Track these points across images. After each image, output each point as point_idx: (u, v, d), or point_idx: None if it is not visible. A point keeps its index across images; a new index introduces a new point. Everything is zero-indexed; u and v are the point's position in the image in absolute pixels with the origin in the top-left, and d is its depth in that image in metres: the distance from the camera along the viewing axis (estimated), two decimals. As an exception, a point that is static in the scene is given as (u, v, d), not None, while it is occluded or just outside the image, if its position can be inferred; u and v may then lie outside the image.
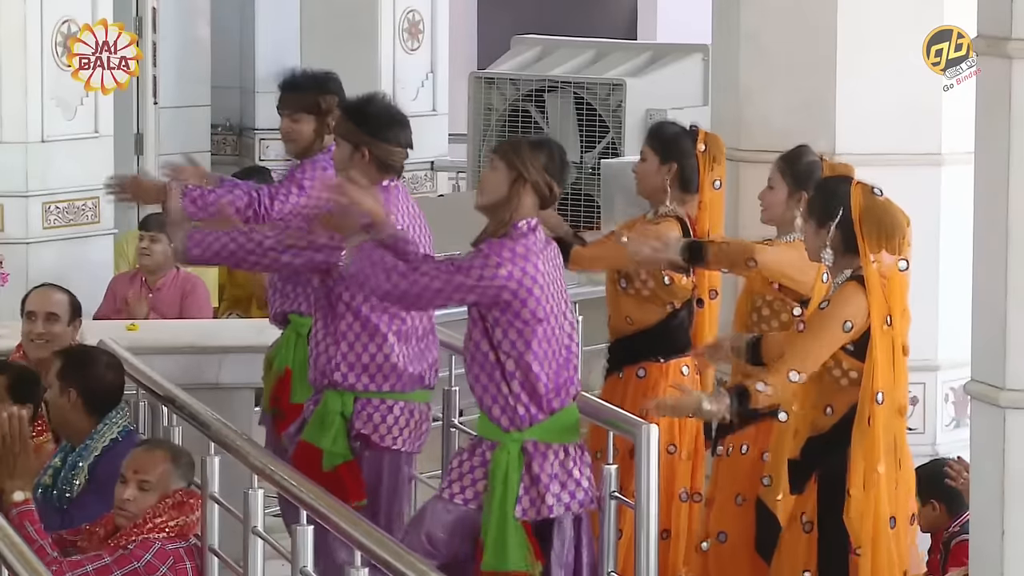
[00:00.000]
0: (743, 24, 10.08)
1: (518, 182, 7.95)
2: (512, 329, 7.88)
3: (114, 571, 7.75)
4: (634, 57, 16.08)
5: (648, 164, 9.55)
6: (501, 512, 7.88)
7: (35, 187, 12.74)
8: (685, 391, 8.23)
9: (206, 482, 8.16)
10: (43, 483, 8.39)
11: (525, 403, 7.90)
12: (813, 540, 7.96)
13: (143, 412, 9.15)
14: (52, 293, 9.84)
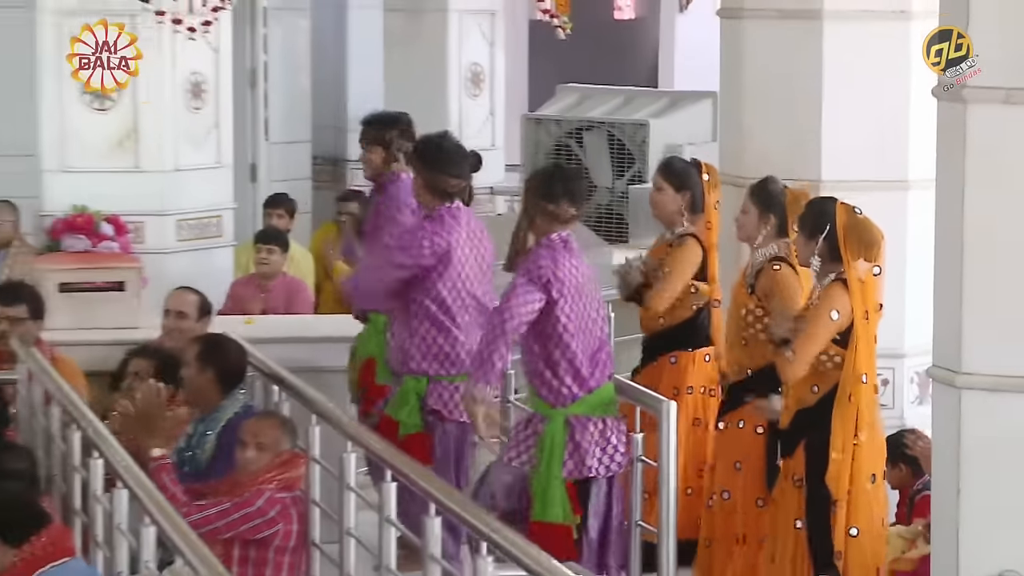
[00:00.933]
0: (745, 75, 10.06)
1: (525, 215, 8.16)
2: (550, 323, 7.94)
3: (232, 514, 7.76)
4: (656, 102, 16.07)
5: (665, 194, 9.55)
6: (548, 473, 7.95)
7: (170, 207, 12.75)
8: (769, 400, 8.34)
9: (309, 447, 8.17)
10: (179, 448, 8.41)
11: (568, 384, 7.96)
12: (802, 495, 8.01)
13: (258, 390, 9.14)
14: (184, 295, 9.84)
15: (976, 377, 7.20)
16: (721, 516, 8.73)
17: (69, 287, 10.37)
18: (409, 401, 8.83)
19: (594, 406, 8.04)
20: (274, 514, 7.85)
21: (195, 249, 12.86)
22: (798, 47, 9.87)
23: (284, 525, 7.89)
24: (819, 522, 7.99)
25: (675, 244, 9.52)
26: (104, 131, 12.73)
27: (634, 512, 8.26)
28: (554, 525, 7.92)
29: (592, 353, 8.05)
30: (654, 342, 9.65)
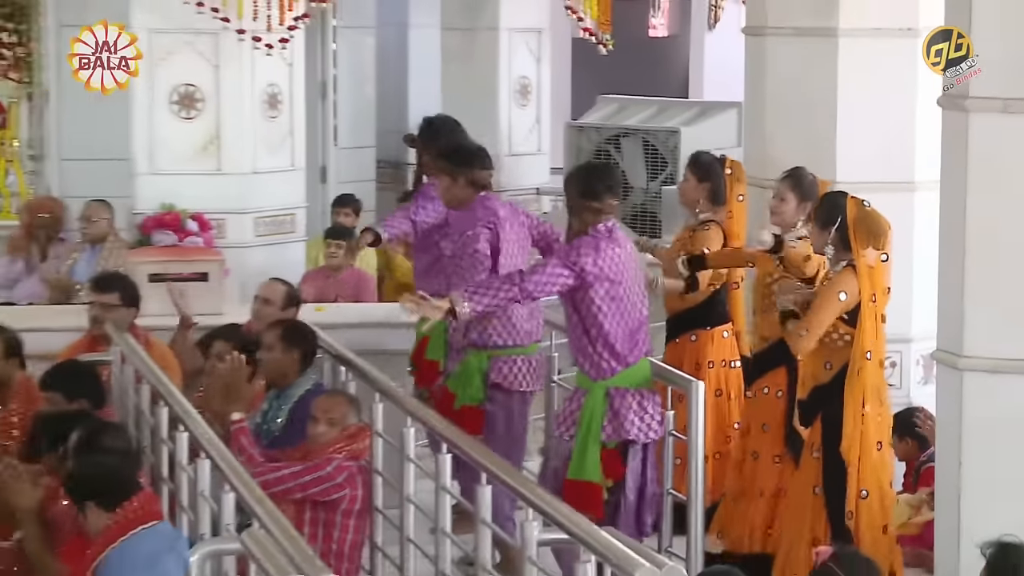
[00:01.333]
0: (767, 87, 10.06)
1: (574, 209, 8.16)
2: (592, 305, 7.95)
3: (304, 476, 7.81)
4: (686, 111, 16.05)
5: (689, 183, 9.68)
6: (587, 435, 8.00)
7: (248, 206, 12.77)
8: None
9: (372, 421, 8.19)
10: (255, 420, 8.44)
11: (607, 359, 8.00)
12: (820, 463, 8.05)
13: (327, 370, 9.16)
14: (274, 285, 9.83)
15: (977, 360, 7.29)
16: (750, 475, 8.80)
17: (158, 277, 10.41)
18: (472, 376, 8.87)
19: (631, 379, 8.07)
20: (342, 480, 7.88)
21: (271, 244, 12.89)
22: (815, 62, 9.86)
23: (351, 491, 7.91)
24: (834, 487, 8.02)
25: (697, 229, 9.61)
26: (189, 137, 12.77)
27: (666, 481, 8.27)
28: (587, 484, 7.95)
29: (631, 332, 8.07)
30: (676, 322, 9.71)
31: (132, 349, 8.86)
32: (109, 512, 6.89)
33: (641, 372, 8.13)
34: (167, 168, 12.74)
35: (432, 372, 9.39)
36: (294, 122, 13.30)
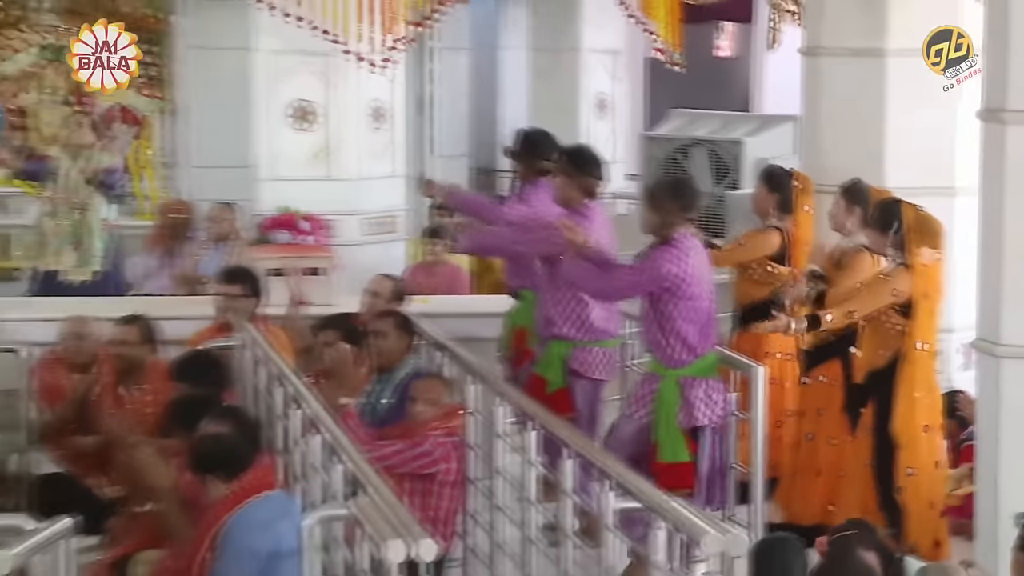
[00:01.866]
0: (822, 102, 10.01)
1: (665, 219, 8.05)
2: (670, 304, 7.94)
3: (405, 453, 7.82)
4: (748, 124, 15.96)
5: (760, 193, 9.63)
6: (667, 423, 8.00)
7: (356, 209, 12.85)
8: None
9: (467, 401, 8.18)
10: (362, 401, 8.45)
11: (679, 351, 8.00)
12: (872, 442, 8.09)
13: (426, 355, 9.15)
14: (382, 279, 9.81)
15: (1013, 348, 7.33)
16: (805, 455, 8.77)
17: (277, 272, 10.44)
18: (554, 363, 8.85)
19: (700, 369, 8.06)
20: (439, 455, 7.88)
21: (375, 242, 12.95)
22: (866, 79, 9.82)
23: (447, 464, 7.91)
24: (884, 464, 8.07)
25: (761, 232, 9.62)
26: (304, 147, 12.83)
27: (729, 456, 8.24)
28: (679, 464, 7.98)
29: (702, 327, 8.06)
30: (743, 315, 9.68)
31: (254, 336, 8.89)
32: (227, 482, 6.92)
33: (709, 363, 8.12)
34: (284, 174, 12.81)
35: (524, 356, 9.37)
36: (396, 133, 13.34)
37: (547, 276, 8.90)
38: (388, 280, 9.82)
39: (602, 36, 15.17)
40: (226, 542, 6.81)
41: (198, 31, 13.47)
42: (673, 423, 8.00)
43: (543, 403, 7.99)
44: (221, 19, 13.16)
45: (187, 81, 13.58)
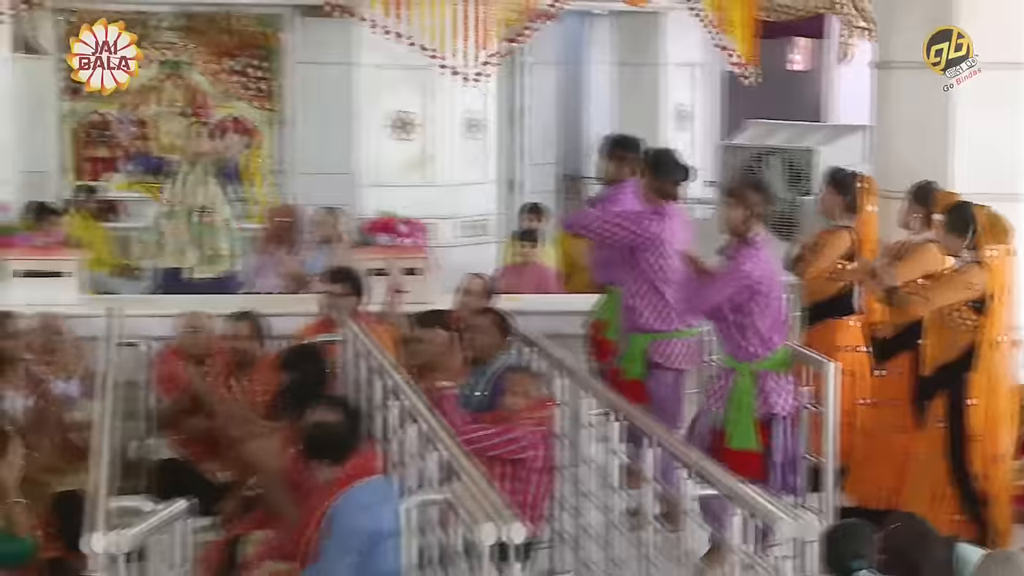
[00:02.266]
0: (892, 112, 9.94)
1: (747, 213, 8.03)
2: (749, 301, 7.94)
3: (495, 437, 7.83)
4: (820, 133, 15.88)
5: (828, 195, 9.59)
6: (741, 412, 7.99)
7: (452, 213, 12.89)
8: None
9: (555, 393, 8.17)
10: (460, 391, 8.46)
11: (754, 345, 8.00)
12: (945, 432, 8.06)
13: (517, 350, 9.15)
14: (473, 279, 9.82)
15: None
16: (876, 443, 8.77)
17: (378, 272, 10.46)
18: (635, 355, 8.85)
19: (774, 363, 8.05)
20: (528, 442, 7.88)
21: (469, 244, 12.97)
22: (933, 90, 9.72)
23: (535, 452, 7.90)
24: (958, 454, 8.02)
25: (829, 232, 9.53)
26: (404, 156, 12.87)
27: (800, 446, 8.21)
28: (748, 452, 7.94)
29: (774, 322, 8.06)
30: (813, 312, 9.59)
31: (356, 332, 8.91)
32: (335, 468, 6.95)
33: (782, 356, 8.10)
34: (385, 181, 12.86)
35: (607, 350, 9.34)
36: (489, 142, 13.35)
37: (629, 269, 8.89)
38: (479, 278, 9.83)
39: (682, 51, 15.11)
40: (332, 522, 6.85)
41: (305, 47, 13.55)
42: (748, 413, 7.98)
43: (620, 392, 8.03)
44: (327, 36, 13.23)
45: (295, 94, 13.65)
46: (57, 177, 13.47)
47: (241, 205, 13.14)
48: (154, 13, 13.72)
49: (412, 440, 6.98)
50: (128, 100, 14.07)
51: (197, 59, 13.96)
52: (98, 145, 14.44)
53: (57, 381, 8.83)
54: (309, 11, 13.12)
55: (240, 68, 13.98)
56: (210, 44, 13.95)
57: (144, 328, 9.49)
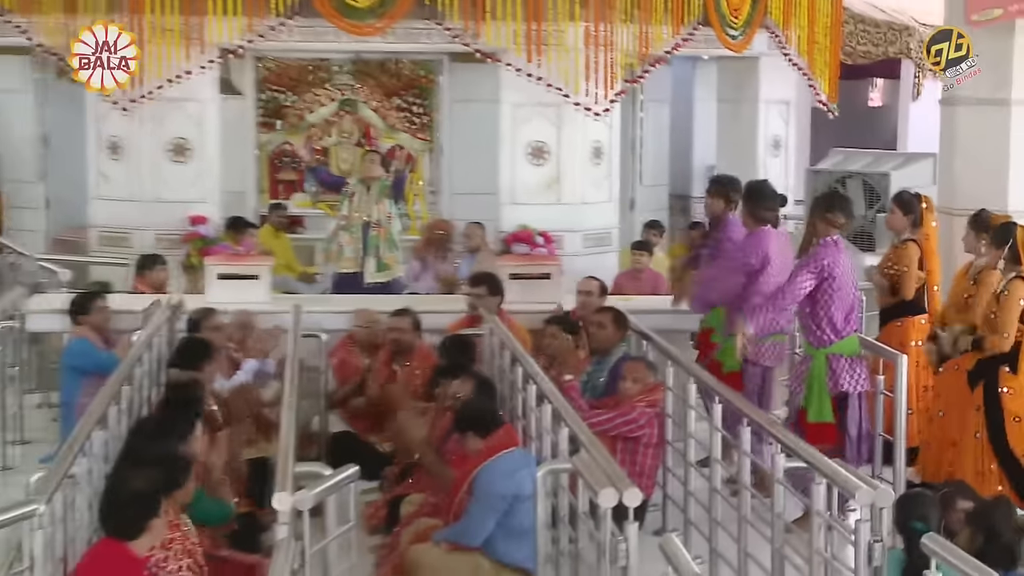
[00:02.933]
0: (957, 142, 9.78)
1: (811, 224, 8.14)
2: (824, 294, 7.93)
3: (616, 419, 7.84)
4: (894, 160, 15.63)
5: (896, 214, 9.48)
6: (817, 390, 7.96)
7: (578, 227, 12.88)
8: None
9: (665, 379, 8.15)
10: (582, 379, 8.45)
11: (827, 332, 7.98)
12: (982, 415, 8.04)
13: (633, 343, 9.13)
14: (589, 281, 9.84)
15: None
16: (939, 428, 8.58)
17: (517, 276, 10.49)
18: (733, 352, 8.73)
19: (844, 349, 8.01)
20: (643, 422, 7.87)
21: (594, 254, 12.94)
22: (994, 123, 9.60)
23: (649, 429, 7.88)
24: (998, 435, 8.01)
25: (899, 247, 9.37)
26: (538, 178, 12.87)
27: (875, 425, 8.19)
28: (824, 424, 7.93)
29: (846, 314, 8.02)
30: (887, 312, 9.47)
31: (498, 326, 8.95)
32: (482, 440, 6.98)
33: (851, 344, 8.06)
34: (522, 200, 12.86)
35: (709, 348, 9.29)
36: (611, 167, 13.31)
37: None
38: (594, 280, 9.84)
39: (776, 90, 14.93)
40: (479, 485, 6.89)
41: (457, 88, 13.63)
42: (822, 390, 7.95)
43: (720, 381, 8.01)
44: (475, 78, 13.29)
45: (448, 126, 13.75)
46: (252, 196, 13.64)
47: (403, 220, 13.23)
48: (334, 60, 13.87)
49: (545, 418, 7.00)
50: (312, 132, 14.24)
51: (368, 97, 14.10)
52: (286, 169, 14.63)
53: (251, 360, 8.91)
54: (461, 57, 13.20)
55: (403, 105, 14.11)
56: (379, 85, 14.08)
57: (322, 322, 9.58)
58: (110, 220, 12.76)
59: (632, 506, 5.32)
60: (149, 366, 8.30)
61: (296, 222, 14.01)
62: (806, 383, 8.05)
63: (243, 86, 13.67)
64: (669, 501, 8.04)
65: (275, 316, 9.58)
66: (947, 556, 4.80)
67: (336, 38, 12.48)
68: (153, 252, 11.27)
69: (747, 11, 13.54)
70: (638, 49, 13.02)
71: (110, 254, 12.53)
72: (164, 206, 12.51)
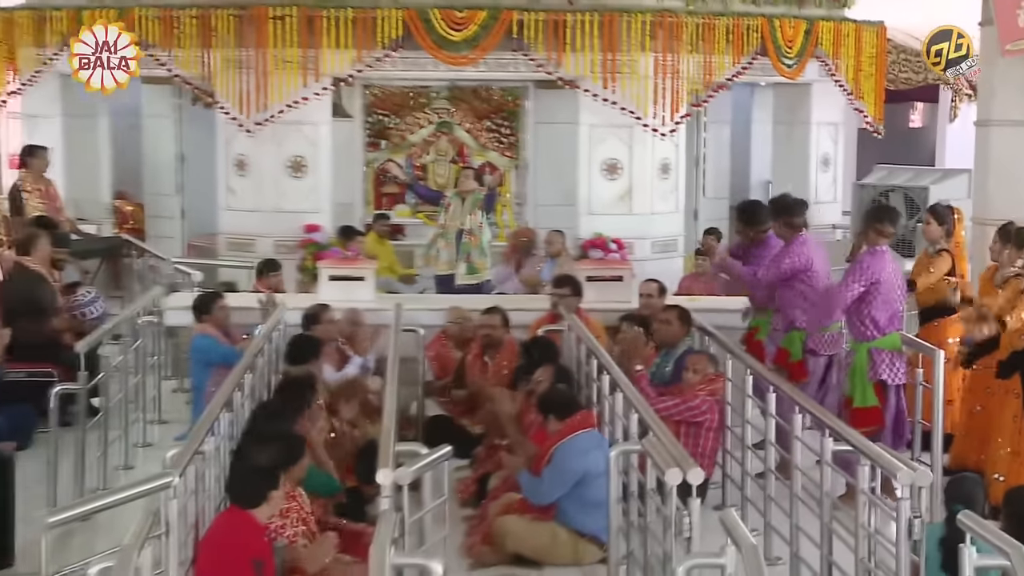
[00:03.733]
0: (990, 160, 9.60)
1: (868, 235, 7.99)
2: (870, 297, 7.84)
3: (680, 406, 7.77)
4: (932, 175, 15.52)
5: (932, 225, 9.32)
6: (860, 379, 7.87)
7: (648, 235, 12.87)
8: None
9: (725, 371, 8.09)
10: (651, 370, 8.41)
11: (870, 328, 7.88)
12: (1020, 402, 7.86)
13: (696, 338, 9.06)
14: (649, 283, 9.71)
15: None
16: (976, 421, 8.47)
17: (593, 278, 10.43)
18: (795, 343, 8.62)
19: (886, 344, 7.91)
20: (704, 409, 7.80)
21: (660, 259, 12.90)
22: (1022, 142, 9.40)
23: (711, 416, 7.82)
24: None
25: (934, 255, 9.25)
26: (612, 192, 12.88)
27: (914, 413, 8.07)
28: (868, 408, 7.84)
29: (889, 314, 7.92)
30: (926, 313, 9.34)
31: (576, 323, 8.93)
32: (561, 420, 6.98)
33: (892, 340, 7.95)
34: (598, 210, 12.87)
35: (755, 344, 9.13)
36: (677, 181, 13.26)
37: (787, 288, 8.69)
38: (653, 283, 9.75)
39: (826, 112, 14.79)
40: (555, 459, 6.91)
41: (540, 111, 13.64)
42: (864, 378, 7.86)
43: (787, 369, 8.14)
44: (556, 103, 13.28)
45: (532, 145, 13.74)
46: (359, 207, 13.74)
47: (492, 228, 13.24)
48: (432, 87, 13.93)
49: (618, 404, 6.97)
50: (413, 152, 14.30)
51: (462, 120, 14.13)
52: (389, 184, 14.70)
53: (356, 358, 8.99)
54: (544, 84, 13.20)
55: (493, 127, 14.12)
56: (471, 109, 14.10)
57: (420, 319, 9.62)
58: (236, 228, 12.93)
59: (695, 484, 5.30)
60: (267, 357, 8.37)
61: (397, 230, 14.07)
62: (850, 373, 7.96)
63: (352, 110, 13.77)
64: (728, 480, 7.97)
65: (379, 313, 9.63)
66: (980, 531, 4.72)
67: (434, 68, 12.56)
68: (272, 258, 11.36)
69: (800, 42, 13.47)
70: (702, 77, 12.97)
71: (236, 258, 12.71)
72: (283, 216, 12.66)
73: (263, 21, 12.19)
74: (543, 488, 6.97)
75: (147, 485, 5.07)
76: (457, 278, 12.09)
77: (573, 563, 6.95)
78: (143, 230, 14.86)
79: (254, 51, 12.29)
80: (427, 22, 12.22)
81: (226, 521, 5.26)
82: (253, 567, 5.07)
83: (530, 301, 10.64)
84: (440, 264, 12.12)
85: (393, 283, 12.85)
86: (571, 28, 12.30)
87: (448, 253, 12.07)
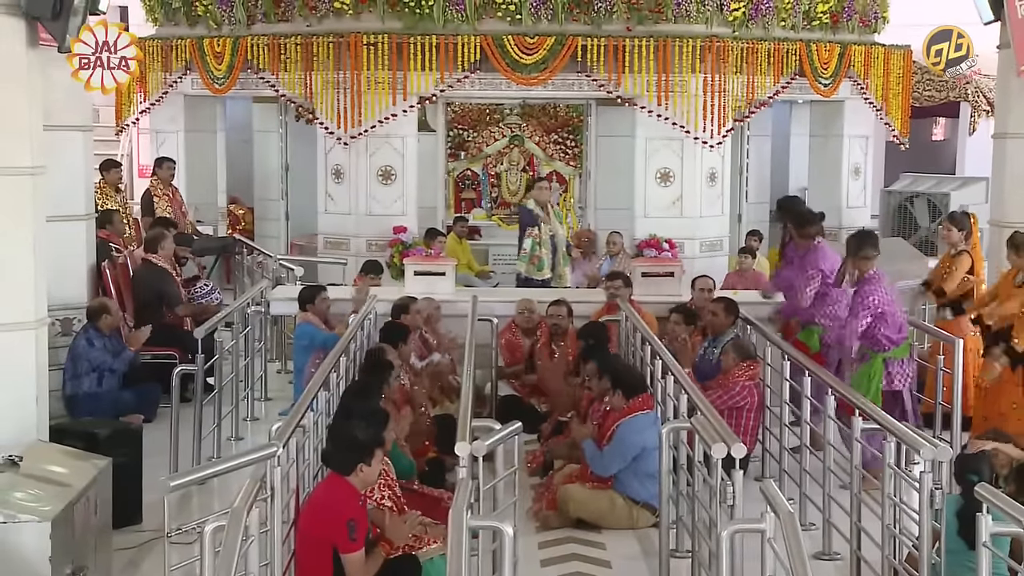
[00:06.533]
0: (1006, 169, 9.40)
1: (855, 265, 7.94)
2: (879, 323, 7.77)
3: (722, 397, 7.68)
4: (953, 183, 15.31)
5: (952, 231, 9.16)
6: (874, 389, 7.76)
7: (696, 235, 12.80)
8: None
9: (764, 356, 8.02)
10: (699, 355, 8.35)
11: (883, 340, 7.74)
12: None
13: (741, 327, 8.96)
14: (705, 279, 9.64)
15: None
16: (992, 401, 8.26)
17: (647, 274, 10.40)
18: (814, 338, 8.56)
19: (898, 353, 7.83)
20: (744, 394, 7.74)
21: (707, 257, 12.82)
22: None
23: (750, 399, 7.76)
24: None
25: (955, 257, 9.11)
26: (665, 197, 12.79)
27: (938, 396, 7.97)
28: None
29: (897, 327, 7.80)
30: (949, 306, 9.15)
31: (631, 312, 8.89)
32: (627, 399, 6.97)
33: (902, 348, 7.86)
34: (652, 214, 12.80)
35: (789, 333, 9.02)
36: (723, 188, 13.15)
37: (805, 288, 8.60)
38: (705, 278, 9.67)
39: (857, 127, 14.57)
40: (617, 435, 6.91)
41: (601, 125, 13.60)
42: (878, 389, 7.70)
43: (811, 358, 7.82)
44: (616, 118, 13.23)
45: (594, 156, 13.70)
46: (441, 211, 13.79)
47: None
48: (506, 104, 13.94)
49: (669, 386, 6.93)
50: (488, 162, 14.32)
51: (532, 134, 14.11)
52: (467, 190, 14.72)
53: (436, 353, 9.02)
54: (605, 102, 13.16)
55: (559, 139, 14.07)
56: (540, 124, 14.07)
57: (493, 310, 9.63)
58: (333, 229, 13.04)
59: (738, 457, 5.26)
60: (360, 342, 8.42)
61: (474, 231, 14.09)
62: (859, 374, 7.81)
63: (435, 125, 13.84)
64: (767, 454, 7.90)
65: (457, 304, 9.65)
66: (996, 502, 4.65)
67: (508, 87, 12.60)
68: (377, 260, 11.27)
69: (834, 64, 13.36)
70: (746, 95, 12.87)
71: (332, 255, 12.82)
72: (374, 219, 12.77)
73: (358, 47, 12.33)
74: (605, 461, 7.00)
75: (255, 454, 5.13)
76: (536, 276, 11.92)
77: (629, 527, 6.96)
78: (252, 231, 15.06)
79: (350, 73, 12.42)
80: (501, 47, 12.28)
81: (329, 484, 5.32)
82: (347, 527, 5.11)
83: (590, 294, 10.62)
84: (544, 272, 11.83)
85: (470, 279, 12.87)
86: (629, 52, 12.26)
87: (547, 260, 11.85)
